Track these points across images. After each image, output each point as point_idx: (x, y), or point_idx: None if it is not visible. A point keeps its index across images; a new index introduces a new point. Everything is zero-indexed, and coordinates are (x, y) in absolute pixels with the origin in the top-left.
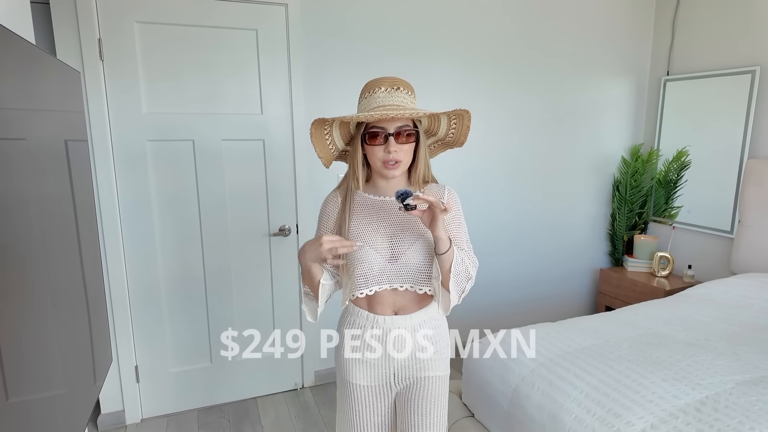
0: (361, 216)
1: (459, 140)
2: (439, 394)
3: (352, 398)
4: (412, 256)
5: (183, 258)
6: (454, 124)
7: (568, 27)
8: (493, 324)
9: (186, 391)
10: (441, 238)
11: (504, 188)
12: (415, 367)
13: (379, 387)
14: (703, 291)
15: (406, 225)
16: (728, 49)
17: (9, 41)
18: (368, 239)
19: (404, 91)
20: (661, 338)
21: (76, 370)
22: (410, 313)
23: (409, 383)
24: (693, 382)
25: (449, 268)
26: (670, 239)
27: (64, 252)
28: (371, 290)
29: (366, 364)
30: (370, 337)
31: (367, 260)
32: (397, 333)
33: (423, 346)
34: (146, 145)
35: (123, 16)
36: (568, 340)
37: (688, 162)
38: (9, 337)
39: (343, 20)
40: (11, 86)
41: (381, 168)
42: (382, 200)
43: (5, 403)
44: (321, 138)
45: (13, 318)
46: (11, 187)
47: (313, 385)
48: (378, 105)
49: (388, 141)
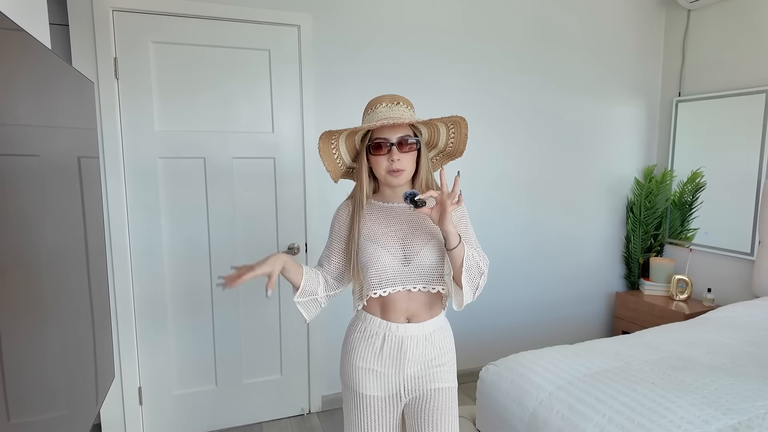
0: (372, 220)
1: (459, 149)
2: (450, 405)
3: (361, 409)
4: (426, 257)
5: (190, 276)
6: (452, 133)
7: (578, 49)
8: (506, 346)
9: (190, 415)
10: (450, 232)
11: (518, 211)
12: (426, 378)
13: (389, 398)
14: (726, 314)
15: (416, 227)
16: (740, 70)
17: (27, 45)
18: (380, 241)
19: (403, 106)
20: (685, 361)
21: (81, 384)
22: (422, 321)
23: (418, 395)
24: (723, 407)
25: (461, 263)
26: (687, 262)
27: (74, 269)
28: (385, 291)
29: (376, 373)
30: (382, 345)
31: (380, 260)
32: (409, 342)
33: (434, 356)
34: (158, 162)
35: (139, 36)
36: (588, 363)
37: (703, 183)
38: (15, 353)
39: (355, 41)
40: (25, 87)
41: (386, 177)
42: (390, 206)
43: (6, 424)
44: (328, 151)
45: (20, 333)
46: (23, 203)
47: (321, 410)
48: (380, 118)
49: (391, 150)
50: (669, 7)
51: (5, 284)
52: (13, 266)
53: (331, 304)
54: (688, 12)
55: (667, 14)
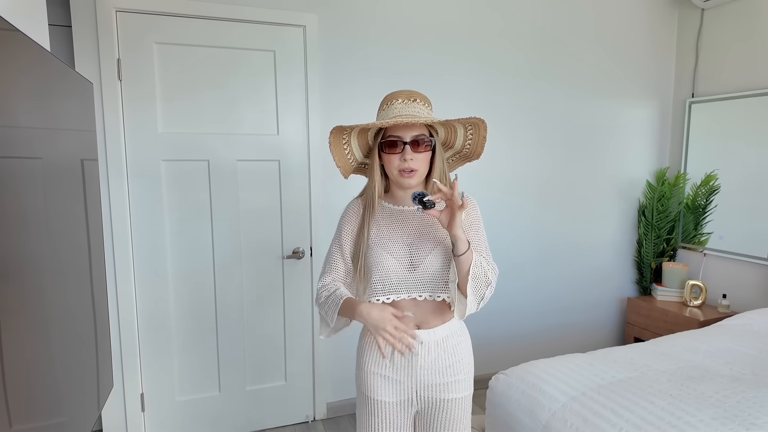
0: (380, 224)
1: (476, 151)
2: (463, 416)
3: (374, 414)
4: (432, 263)
5: (194, 280)
6: (470, 134)
7: (589, 50)
8: (516, 354)
9: (192, 422)
10: (459, 237)
11: (526, 214)
12: (439, 389)
13: (402, 403)
14: (743, 321)
15: (424, 233)
16: (755, 70)
17: (23, 46)
18: (387, 246)
19: (421, 103)
20: (704, 372)
21: (80, 391)
22: (433, 327)
23: (430, 404)
24: (747, 422)
25: (467, 270)
26: (701, 267)
27: (75, 274)
28: (389, 298)
29: (389, 379)
30: (393, 351)
31: (384, 264)
32: (420, 348)
33: (449, 364)
34: (161, 164)
35: (143, 36)
36: (602, 372)
37: (717, 186)
38: (15, 359)
39: (362, 42)
40: (23, 88)
41: (397, 177)
42: (400, 210)
43: (9, 431)
44: (339, 147)
45: (21, 338)
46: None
47: (326, 417)
48: (395, 115)
49: (404, 149)
50: (682, 6)
51: (6, 289)
52: (15, 271)
53: None
54: (701, 11)
55: (679, 13)
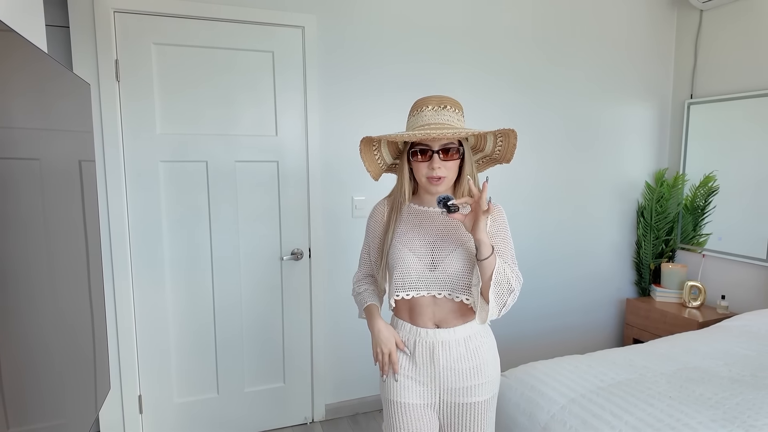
0: (406, 222)
1: (506, 157)
2: (486, 417)
3: (399, 417)
4: (452, 263)
5: (192, 281)
6: (500, 141)
7: (587, 50)
8: (515, 356)
9: (191, 424)
10: (483, 242)
11: (525, 214)
12: (462, 392)
13: (426, 405)
14: (742, 323)
15: (447, 234)
16: (754, 71)
17: (18, 46)
18: (409, 244)
19: (451, 110)
20: (703, 373)
21: (77, 398)
22: (453, 327)
23: (454, 407)
24: (746, 424)
25: (490, 275)
26: (700, 268)
27: (73, 275)
28: (408, 294)
29: (412, 380)
30: (414, 350)
31: (405, 262)
32: (440, 348)
33: (472, 366)
34: (159, 165)
35: (141, 37)
36: (601, 374)
37: (716, 187)
38: (12, 360)
39: (361, 43)
40: (19, 89)
41: (425, 183)
42: (426, 210)
43: None
44: (370, 153)
45: (18, 340)
46: (23, 207)
47: (324, 419)
48: (424, 123)
49: (433, 158)
50: (681, 7)
51: (3, 290)
52: (11, 272)
53: (331, 312)
54: (700, 12)
55: (678, 14)
